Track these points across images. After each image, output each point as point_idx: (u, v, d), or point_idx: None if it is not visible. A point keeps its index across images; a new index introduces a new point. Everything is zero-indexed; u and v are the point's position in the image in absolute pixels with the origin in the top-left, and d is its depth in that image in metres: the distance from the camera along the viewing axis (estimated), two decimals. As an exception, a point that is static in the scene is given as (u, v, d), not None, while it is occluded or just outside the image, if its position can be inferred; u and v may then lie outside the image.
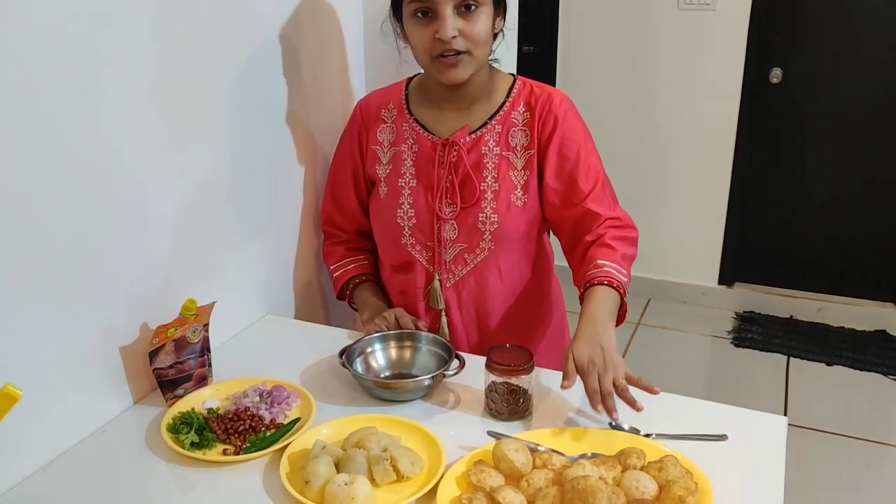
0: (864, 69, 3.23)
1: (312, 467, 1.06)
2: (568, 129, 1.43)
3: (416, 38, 1.35)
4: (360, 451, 1.10)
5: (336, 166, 1.60)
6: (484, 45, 1.35)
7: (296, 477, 1.08)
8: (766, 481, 1.09)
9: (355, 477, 1.04)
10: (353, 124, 1.56)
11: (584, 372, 1.19)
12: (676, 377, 3.09)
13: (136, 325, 1.30)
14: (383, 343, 1.42)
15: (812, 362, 3.19)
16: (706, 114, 3.42)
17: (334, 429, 1.20)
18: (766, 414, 1.26)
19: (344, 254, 1.62)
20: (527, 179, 1.44)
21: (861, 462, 2.59)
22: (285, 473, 1.08)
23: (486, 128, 1.44)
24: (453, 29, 1.30)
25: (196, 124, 1.39)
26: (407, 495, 1.06)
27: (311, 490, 1.04)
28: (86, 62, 1.13)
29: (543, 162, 1.43)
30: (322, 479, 1.04)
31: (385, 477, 1.08)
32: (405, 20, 1.37)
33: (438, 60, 1.34)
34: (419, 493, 1.05)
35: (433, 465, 1.11)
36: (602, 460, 1.08)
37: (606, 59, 3.52)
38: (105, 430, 1.24)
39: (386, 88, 1.56)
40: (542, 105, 1.43)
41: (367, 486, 1.03)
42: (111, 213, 1.22)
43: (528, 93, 1.45)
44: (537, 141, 1.43)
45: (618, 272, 1.36)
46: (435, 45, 1.32)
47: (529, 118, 1.43)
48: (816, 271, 3.57)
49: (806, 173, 3.45)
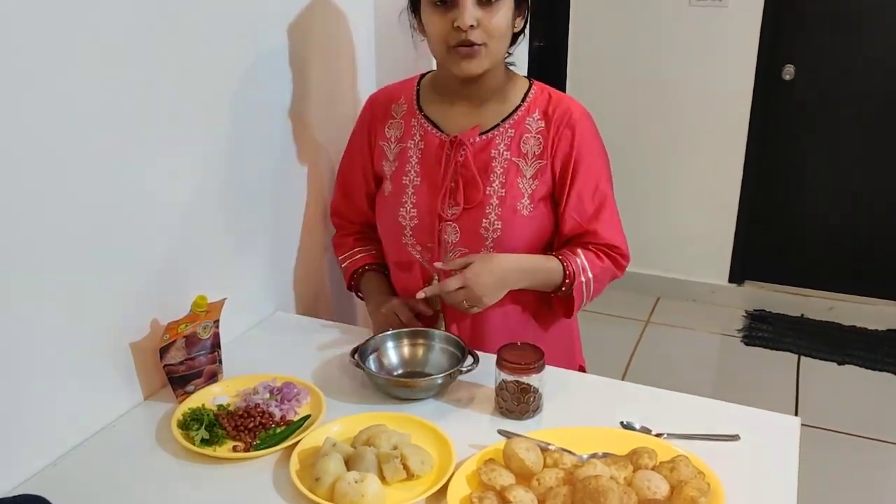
0: (877, 66, 3.20)
1: (322, 465, 1.06)
2: (584, 147, 1.41)
3: (433, 26, 1.33)
4: (370, 449, 1.10)
5: (346, 161, 1.59)
6: (501, 39, 1.33)
7: (306, 474, 1.08)
8: (778, 482, 1.09)
9: (365, 475, 1.04)
10: (363, 119, 1.55)
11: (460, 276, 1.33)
12: (686, 375, 3.08)
13: (146, 322, 1.31)
14: (396, 341, 1.41)
15: (823, 361, 3.17)
16: (717, 110, 3.40)
17: (344, 426, 1.20)
18: (778, 414, 1.25)
19: (353, 244, 1.62)
20: (535, 189, 1.41)
21: (873, 462, 2.58)
22: (295, 471, 1.08)
23: (498, 130, 1.42)
24: (472, 18, 1.28)
25: (206, 122, 1.38)
26: (417, 493, 1.05)
27: (320, 488, 1.04)
28: (98, 61, 1.13)
29: (555, 176, 1.42)
30: (332, 476, 1.04)
31: (395, 475, 1.07)
32: (423, 9, 1.35)
33: (454, 51, 1.32)
34: (429, 492, 1.05)
35: (443, 464, 1.11)
36: (613, 460, 1.07)
37: (617, 55, 3.50)
38: (115, 426, 1.24)
39: (399, 83, 1.54)
40: (559, 116, 1.40)
41: (376, 483, 1.03)
42: (122, 210, 1.22)
43: (546, 101, 1.43)
44: (551, 152, 1.40)
45: (583, 269, 1.40)
46: (452, 35, 1.31)
47: (544, 127, 1.41)
48: (828, 270, 3.54)
49: (818, 171, 3.43)
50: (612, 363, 3.17)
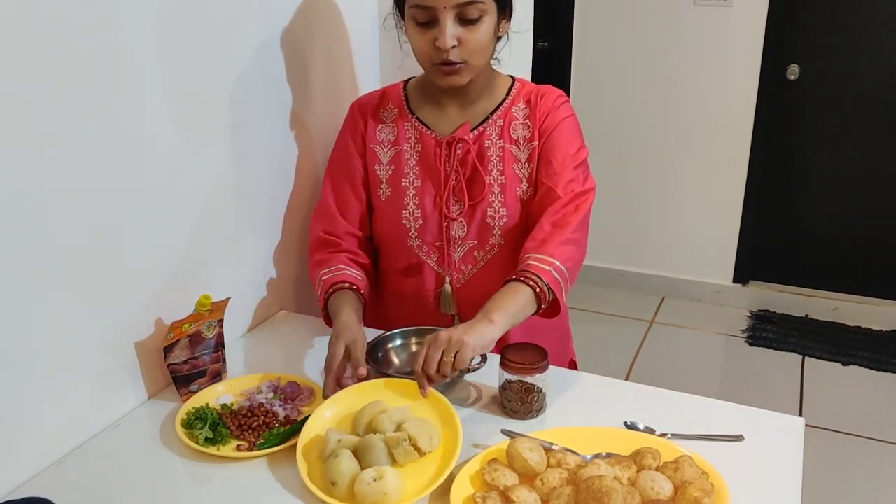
0: (883, 66, 3.19)
1: (335, 468, 1.04)
2: (561, 121, 1.43)
3: (415, 42, 1.34)
4: (377, 437, 1.09)
5: (334, 168, 1.52)
6: (482, 53, 1.34)
7: (315, 473, 1.07)
8: (782, 483, 1.08)
9: (382, 471, 1.02)
10: (350, 123, 1.51)
11: (429, 344, 1.19)
12: (690, 376, 3.07)
13: (150, 321, 1.31)
14: (404, 340, 1.41)
15: (828, 362, 3.16)
16: (722, 111, 3.40)
17: (337, 408, 1.20)
18: (782, 415, 1.24)
19: (344, 261, 1.47)
20: (530, 172, 1.43)
21: (877, 463, 2.57)
22: (306, 472, 1.08)
23: (488, 122, 1.44)
24: (452, 38, 1.28)
25: (211, 123, 1.39)
26: (430, 473, 1.06)
27: (339, 491, 1.03)
28: (103, 63, 1.13)
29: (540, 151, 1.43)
30: (347, 478, 1.03)
31: (407, 457, 1.07)
32: (406, 22, 1.35)
33: (437, 67, 1.33)
34: (445, 474, 1.05)
35: (449, 434, 1.12)
36: (617, 460, 1.07)
37: (622, 55, 3.49)
38: (119, 425, 1.24)
39: (381, 90, 1.54)
40: (542, 99, 1.44)
41: (394, 476, 1.02)
42: (127, 210, 1.22)
43: (528, 91, 1.46)
44: (538, 133, 1.42)
45: (540, 262, 1.31)
46: (434, 53, 1.31)
47: (530, 112, 1.44)
48: (832, 270, 3.53)
49: (823, 171, 3.42)
50: (616, 363, 3.17)
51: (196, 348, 1.28)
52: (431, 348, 1.18)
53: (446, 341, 1.18)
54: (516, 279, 1.29)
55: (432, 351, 1.18)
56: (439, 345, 1.18)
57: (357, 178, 1.50)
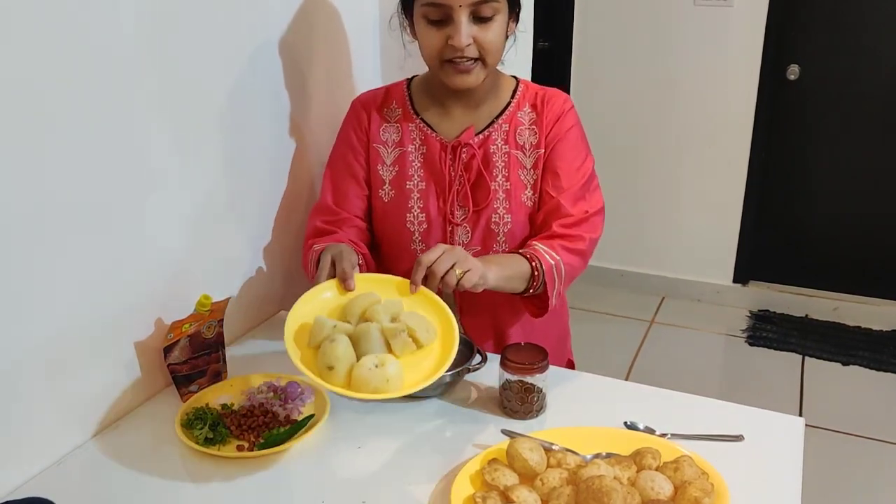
0: (883, 66, 3.19)
1: (331, 351, 1.00)
2: (568, 131, 1.43)
3: (427, 40, 1.32)
4: (374, 325, 1.06)
5: (336, 163, 1.50)
6: (496, 52, 1.33)
7: (307, 360, 1.03)
8: (782, 483, 1.09)
9: (384, 358, 1.00)
10: (353, 120, 1.49)
11: (443, 249, 1.19)
12: (690, 376, 3.07)
13: (150, 321, 1.31)
14: None
15: (828, 362, 3.16)
16: (722, 111, 3.40)
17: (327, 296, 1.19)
18: (782, 415, 1.25)
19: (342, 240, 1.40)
20: (536, 179, 1.42)
21: (877, 463, 2.57)
22: (299, 359, 1.03)
23: (493, 126, 1.43)
24: (468, 37, 1.28)
25: (211, 124, 1.39)
26: (428, 367, 1.06)
27: (336, 376, 0.99)
28: (102, 64, 1.13)
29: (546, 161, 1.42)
30: (345, 363, 1.00)
31: (405, 348, 1.06)
32: (416, 20, 1.34)
33: (448, 65, 1.32)
34: (443, 368, 1.05)
35: (445, 329, 1.12)
36: (617, 460, 1.07)
37: (622, 55, 3.49)
38: (119, 426, 1.24)
39: (384, 88, 1.52)
40: (548, 105, 1.43)
41: (395, 364, 1.01)
42: (127, 210, 1.22)
43: (533, 95, 1.45)
44: (545, 142, 1.42)
45: (546, 253, 1.34)
46: (446, 50, 1.30)
47: (536, 118, 1.43)
48: (832, 270, 3.53)
49: (823, 171, 3.42)
50: (616, 363, 3.17)
51: (196, 348, 1.28)
52: (446, 253, 1.16)
53: (463, 255, 1.17)
54: (520, 253, 1.32)
55: (447, 255, 1.16)
56: (455, 254, 1.17)
57: (359, 174, 1.48)
